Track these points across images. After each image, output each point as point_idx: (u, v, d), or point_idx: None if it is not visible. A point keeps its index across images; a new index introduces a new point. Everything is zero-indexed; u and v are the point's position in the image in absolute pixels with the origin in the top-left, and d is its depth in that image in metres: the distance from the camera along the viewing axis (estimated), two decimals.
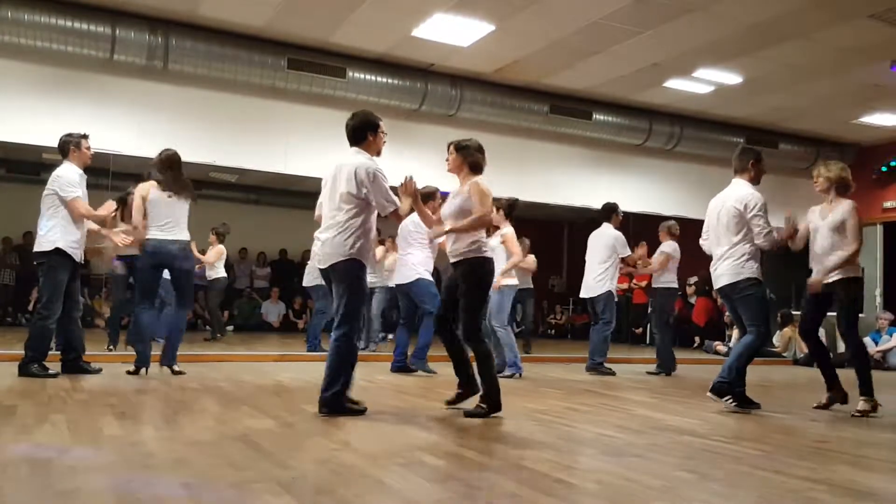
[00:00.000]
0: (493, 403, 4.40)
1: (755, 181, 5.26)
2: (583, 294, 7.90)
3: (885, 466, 3.49)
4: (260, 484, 2.63)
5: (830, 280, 5.13)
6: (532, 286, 9.88)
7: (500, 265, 6.25)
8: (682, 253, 8.07)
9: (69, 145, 5.74)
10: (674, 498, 2.65)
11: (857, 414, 5.03)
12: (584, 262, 7.94)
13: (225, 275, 10.39)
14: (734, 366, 5.08)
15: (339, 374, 4.19)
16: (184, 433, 3.58)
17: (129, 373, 5.84)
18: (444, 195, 5.24)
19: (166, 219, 5.82)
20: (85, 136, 5.82)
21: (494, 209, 6.32)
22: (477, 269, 4.47)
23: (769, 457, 3.50)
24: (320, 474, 2.83)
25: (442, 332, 4.72)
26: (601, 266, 7.68)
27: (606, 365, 7.77)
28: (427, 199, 6.01)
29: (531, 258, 9.27)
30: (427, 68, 8.80)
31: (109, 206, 5.94)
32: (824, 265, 5.15)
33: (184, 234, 5.93)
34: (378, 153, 4.46)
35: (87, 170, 5.85)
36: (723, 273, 5.19)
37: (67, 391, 4.84)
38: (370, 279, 8.67)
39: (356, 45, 8.18)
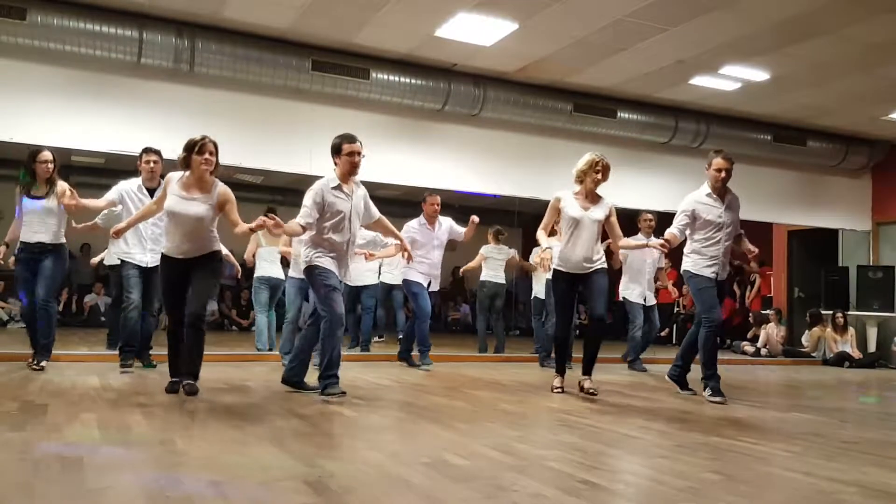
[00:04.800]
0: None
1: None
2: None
3: None
4: (287, 482, 2.65)
5: None
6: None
7: None
8: None
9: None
10: (701, 499, 2.63)
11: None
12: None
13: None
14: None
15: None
16: (212, 432, 3.62)
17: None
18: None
19: None
20: (146, 150, 6.29)
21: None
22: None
23: (798, 458, 3.46)
24: (346, 473, 2.85)
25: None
26: None
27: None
28: None
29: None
30: (450, 68, 8.79)
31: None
32: None
33: None
34: (348, 173, 4.94)
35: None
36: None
37: (97, 390, 4.91)
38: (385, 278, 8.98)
39: (379, 45, 8.20)
